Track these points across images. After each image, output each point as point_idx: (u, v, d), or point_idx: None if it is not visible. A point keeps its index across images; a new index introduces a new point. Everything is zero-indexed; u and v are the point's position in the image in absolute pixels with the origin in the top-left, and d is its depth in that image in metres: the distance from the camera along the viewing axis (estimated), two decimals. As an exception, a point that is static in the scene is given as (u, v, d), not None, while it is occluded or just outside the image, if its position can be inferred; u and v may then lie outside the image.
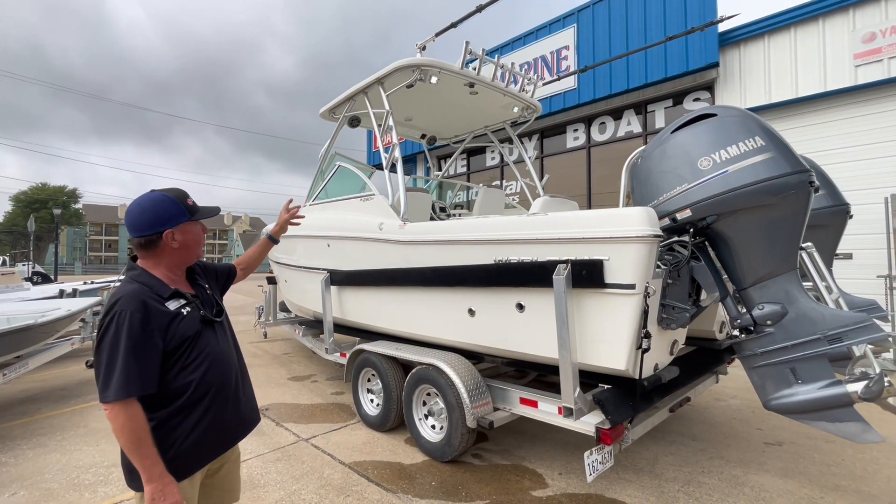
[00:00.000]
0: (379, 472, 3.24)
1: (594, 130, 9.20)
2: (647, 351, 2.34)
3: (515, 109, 5.26)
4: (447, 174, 8.16)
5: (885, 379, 2.05)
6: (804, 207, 2.33)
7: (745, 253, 2.41)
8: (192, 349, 1.50)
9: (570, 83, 8.94)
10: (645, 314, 2.32)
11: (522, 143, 9.42)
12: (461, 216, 5.45)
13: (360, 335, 4.70)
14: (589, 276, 2.42)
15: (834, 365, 2.29)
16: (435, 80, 4.10)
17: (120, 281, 1.52)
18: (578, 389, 2.54)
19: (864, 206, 5.72)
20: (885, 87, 6.11)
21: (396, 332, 4.02)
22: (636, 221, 2.28)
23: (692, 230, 2.46)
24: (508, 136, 5.90)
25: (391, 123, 4.14)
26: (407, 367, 3.79)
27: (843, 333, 2.20)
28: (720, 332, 3.49)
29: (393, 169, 4.06)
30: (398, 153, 4.01)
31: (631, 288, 2.31)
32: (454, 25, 4.52)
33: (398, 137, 4.10)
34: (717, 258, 2.56)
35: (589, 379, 2.69)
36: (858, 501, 2.81)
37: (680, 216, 2.44)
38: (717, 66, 7.22)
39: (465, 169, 11.87)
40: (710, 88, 7.64)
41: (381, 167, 4.15)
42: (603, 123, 9.07)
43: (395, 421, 3.81)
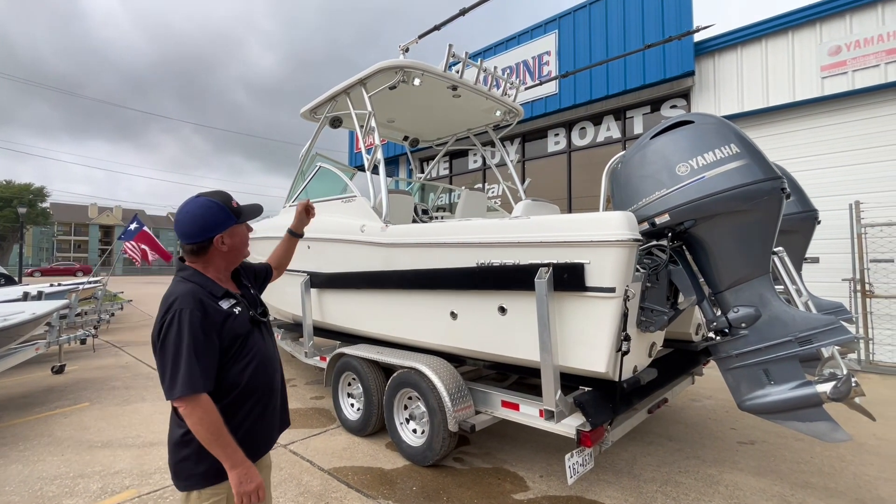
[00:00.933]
0: (359, 477, 3.19)
1: (574, 135, 9.34)
2: (626, 353, 2.37)
3: (498, 113, 5.30)
4: (430, 176, 8.15)
5: (852, 380, 2.12)
6: (777, 213, 2.40)
7: (721, 257, 2.47)
8: (242, 348, 1.53)
9: (551, 88, 9.06)
10: (625, 317, 2.35)
11: (504, 146, 9.49)
12: (443, 219, 5.44)
13: (340, 339, 4.63)
14: (570, 279, 2.44)
15: (804, 366, 2.36)
16: (418, 82, 4.10)
17: (174, 283, 1.56)
18: (560, 392, 2.56)
19: (830, 212, 5.95)
20: (849, 98, 6.38)
21: (378, 335, 3.97)
22: (617, 225, 2.32)
23: (670, 234, 2.50)
24: (491, 139, 5.94)
25: (373, 125, 4.11)
26: (388, 370, 3.75)
27: (812, 335, 2.27)
28: (696, 334, 3.57)
29: (375, 171, 4.03)
30: (381, 155, 3.98)
31: (611, 291, 2.34)
32: (438, 28, 4.53)
33: (380, 139, 4.07)
34: (694, 262, 2.61)
35: (569, 381, 2.71)
36: (827, 498, 2.91)
37: (659, 220, 2.48)
38: (692, 74, 7.42)
39: (447, 171, 11.88)
40: (686, 96, 7.85)
41: (363, 168, 4.11)
42: (583, 128, 9.21)
43: (375, 425, 3.78)
